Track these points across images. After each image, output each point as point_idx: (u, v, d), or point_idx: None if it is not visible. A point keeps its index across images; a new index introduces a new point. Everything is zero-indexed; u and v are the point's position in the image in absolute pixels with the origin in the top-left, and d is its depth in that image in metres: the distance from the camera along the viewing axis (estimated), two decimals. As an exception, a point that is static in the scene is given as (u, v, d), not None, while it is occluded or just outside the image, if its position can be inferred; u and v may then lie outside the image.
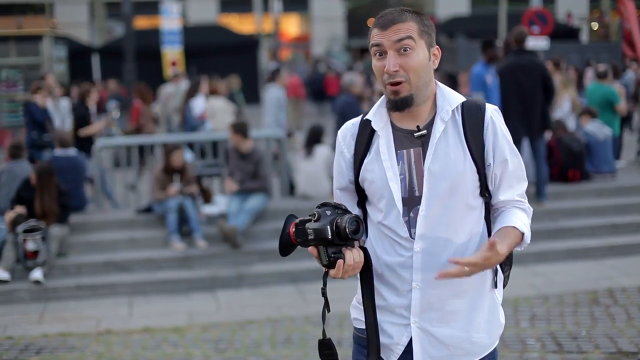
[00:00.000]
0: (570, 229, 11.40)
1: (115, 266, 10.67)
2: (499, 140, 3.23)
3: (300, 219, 3.15)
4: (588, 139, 12.78)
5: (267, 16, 40.38)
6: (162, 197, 11.04)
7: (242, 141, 11.23)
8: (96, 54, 30.40)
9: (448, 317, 3.22)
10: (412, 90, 3.15)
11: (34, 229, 10.30)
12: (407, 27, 3.14)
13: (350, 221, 3.04)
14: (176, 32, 21.59)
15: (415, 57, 3.14)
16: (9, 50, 18.09)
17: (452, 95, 3.26)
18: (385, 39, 3.14)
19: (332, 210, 3.10)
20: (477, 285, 3.25)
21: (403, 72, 3.13)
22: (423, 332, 3.23)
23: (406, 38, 3.12)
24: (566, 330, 7.98)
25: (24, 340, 8.48)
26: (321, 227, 3.05)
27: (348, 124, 3.40)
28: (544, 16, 19.25)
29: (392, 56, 3.13)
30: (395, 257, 3.22)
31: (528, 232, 3.20)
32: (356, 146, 3.32)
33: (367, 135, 3.29)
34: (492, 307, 3.33)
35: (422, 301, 3.21)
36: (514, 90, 11.38)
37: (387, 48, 3.14)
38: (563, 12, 39.48)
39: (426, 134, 3.20)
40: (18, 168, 11.22)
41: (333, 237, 3.05)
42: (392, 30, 3.14)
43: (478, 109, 3.24)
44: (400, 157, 3.21)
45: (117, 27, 40.19)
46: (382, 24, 3.16)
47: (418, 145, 3.20)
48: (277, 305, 9.46)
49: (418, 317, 3.22)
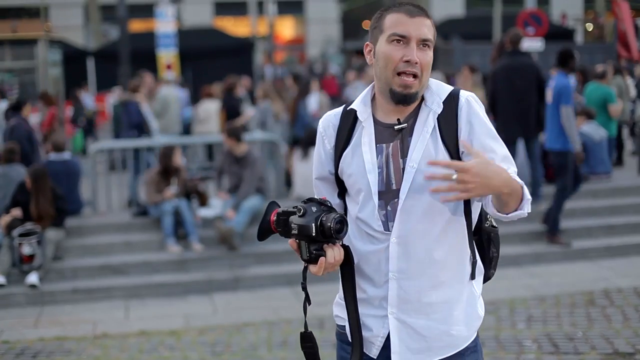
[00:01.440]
0: (566, 230, 11.40)
1: (111, 269, 10.66)
2: (476, 130, 3.18)
3: (283, 209, 3.17)
4: (584, 140, 12.77)
5: (262, 19, 40.39)
6: (157, 200, 11.04)
7: (236, 145, 11.23)
8: (91, 58, 30.32)
9: (426, 308, 3.22)
10: (419, 87, 3.17)
11: (30, 232, 10.29)
12: (429, 25, 3.19)
13: (335, 220, 3.05)
14: (171, 35, 21.53)
15: (430, 55, 3.18)
16: (4, 54, 18.09)
17: (439, 86, 3.27)
18: (414, 28, 3.15)
19: (318, 207, 3.11)
20: (454, 277, 3.25)
21: (419, 67, 3.14)
22: (400, 324, 3.23)
23: (429, 39, 3.16)
24: (563, 331, 7.99)
25: (20, 344, 8.46)
26: (306, 223, 3.07)
27: (330, 114, 3.40)
28: (539, 17, 19.25)
29: (415, 47, 3.15)
30: (371, 248, 3.23)
31: (526, 190, 3.07)
32: (337, 137, 3.32)
33: (348, 126, 3.30)
34: (471, 299, 3.31)
35: (399, 292, 3.21)
36: (509, 92, 11.39)
37: (413, 38, 3.15)
38: (557, 14, 39.51)
39: (406, 127, 3.20)
40: (13, 172, 11.20)
41: (317, 234, 3.07)
42: (418, 21, 3.17)
43: (451, 98, 3.23)
44: (380, 150, 3.22)
45: (112, 31, 40.14)
46: (409, 12, 3.18)
47: (397, 138, 3.20)
48: (273, 307, 9.45)
49: (396, 308, 3.23)
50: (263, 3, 40.33)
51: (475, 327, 3.33)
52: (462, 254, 3.26)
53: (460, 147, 3.16)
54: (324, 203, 3.14)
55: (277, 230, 3.18)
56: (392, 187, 3.19)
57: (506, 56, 11.67)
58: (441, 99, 3.21)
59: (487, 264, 3.43)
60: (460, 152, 3.17)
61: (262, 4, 40.64)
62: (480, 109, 3.23)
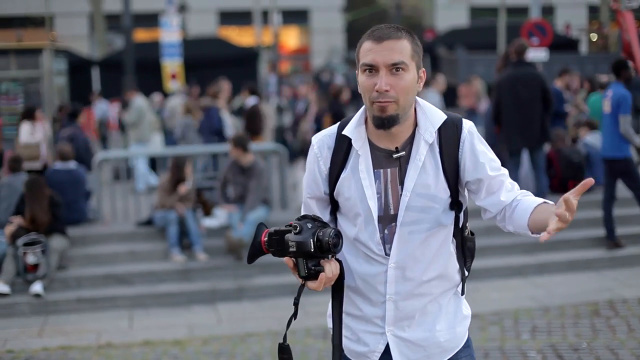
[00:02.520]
0: (570, 240, 11.38)
1: (115, 279, 10.66)
2: (479, 159, 3.23)
3: (275, 229, 3.19)
4: (588, 150, 12.77)
5: (267, 28, 40.42)
6: (168, 205, 11.04)
7: (242, 155, 11.23)
8: (96, 67, 30.40)
9: (421, 322, 3.33)
10: (398, 110, 3.14)
11: (34, 242, 10.30)
12: (400, 47, 3.12)
13: (332, 235, 3.08)
14: (176, 45, 21.60)
15: (407, 78, 3.13)
16: (9, 63, 18.08)
17: (434, 113, 3.26)
18: (380, 56, 3.11)
19: (313, 223, 3.13)
20: (446, 291, 3.36)
21: (393, 93, 3.11)
22: (399, 339, 3.34)
23: (399, 63, 3.11)
24: (567, 342, 7.97)
25: (25, 353, 8.47)
26: (303, 240, 3.09)
27: (324, 134, 3.38)
28: (543, 28, 19.25)
29: (384, 75, 3.11)
30: (370, 270, 3.29)
31: None
32: (332, 160, 3.31)
33: (344, 149, 3.29)
34: (457, 303, 3.43)
35: (396, 312, 3.31)
36: (513, 102, 11.40)
37: (380, 66, 3.11)
38: (562, 24, 39.52)
39: (404, 154, 3.22)
40: (17, 182, 11.21)
41: (315, 250, 3.08)
42: (386, 46, 3.11)
43: (454, 127, 3.24)
44: (377, 176, 3.24)
45: (117, 40, 40.26)
46: (377, 36, 3.14)
47: (395, 165, 3.22)
48: (277, 317, 9.44)
49: (393, 326, 3.33)
50: (268, 13, 40.35)
51: (466, 326, 3.45)
52: (452, 270, 3.36)
53: (464, 176, 3.23)
54: (318, 219, 3.17)
55: (270, 250, 3.19)
56: (390, 212, 3.23)
57: (511, 66, 11.68)
58: (434, 127, 3.22)
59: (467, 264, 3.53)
60: (465, 181, 3.24)
61: (267, 14, 40.66)
62: (481, 140, 3.28)
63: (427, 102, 3.31)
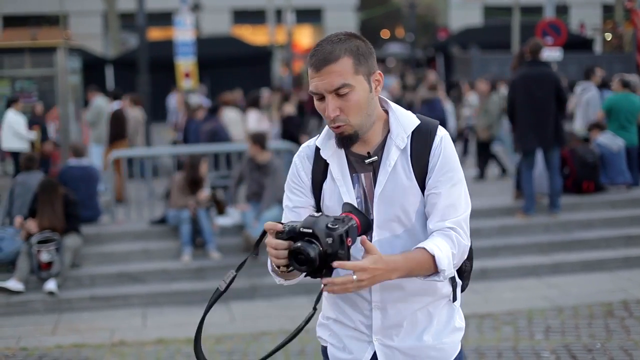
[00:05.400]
0: (584, 240, 11.36)
1: (129, 277, 10.68)
2: (441, 169, 3.15)
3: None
4: (601, 150, 12.72)
5: (281, 27, 40.49)
6: (182, 204, 11.06)
7: (259, 152, 11.24)
8: (110, 66, 30.50)
9: (409, 331, 3.26)
10: (355, 128, 3.10)
11: (48, 240, 10.33)
12: (340, 69, 3.03)
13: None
14: (190, 44, 21.59)
15: (354, 97, 3.06)
16: (24, 61, 18.15)
17: (407, 119, 3.20)
18: (321, 84, 3.05)
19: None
20: (435, 299, 3.28)
21: (343, 116, 3.07)
22: (386, 348, 3.27)
23: (341, 86, 3.03)
24: (581, 342, 7.95)
25: (38, 351, 8.49)
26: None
27: (305, 145, 3.36)
28: (557, 27, 19.21)
29: (330, 101, 3.06)
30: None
31: (442, 256, 3.02)
32: (313, 169, 3.29)
33: (322, 159, 3.26)
34: (450, 314, 3.34)
35: (383, 320, 3.25)
36: (527, 101, 11.36)
37: (324, 93, 3.06)
38: (576, 23, 39.43)
39: (376, 159, 3.18)
40: (31, 180, 11.25)
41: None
42: (325, 73, 3.04)
43: (428, 134, 3.18)
44: (356, 180, 3.20)
45: (131, 39, 40.34)
46: (315, 64, 3.06)
47: (369, 170, 3.19)
48: (290, 316, 9.45)
49: (380, 335, 3.27)
50: (281, 12, 40.42)
51: (458, 338, 3.36)
52: None
53: (427, 179, 3.15)
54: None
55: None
56: (370, 217, 3.18)
57: (525, 66, 11.64)
58: (406, 133, 3.17)
59: (460, 277, 3.42)
60: (426, 189, 3.16)
61: (281, 13, 40.74)
62: (452, 150, 3.19)
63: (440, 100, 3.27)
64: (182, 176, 11.43)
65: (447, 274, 3.05)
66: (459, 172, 3.18)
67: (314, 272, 2.94)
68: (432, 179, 3.14)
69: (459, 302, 3.39)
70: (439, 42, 40.11)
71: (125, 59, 30.55)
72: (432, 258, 3.01)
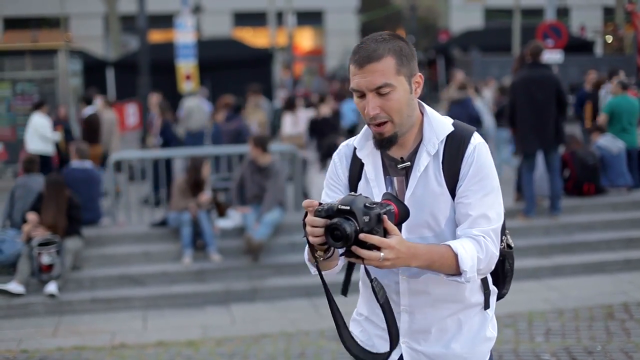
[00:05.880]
0: (585, 242, 11.36)
1: (129, 280, 10.69)
2: (473, 178, 3.13)
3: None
4: (602, 153, 12.73)
5: (281, 30, 40.51)
6: (183, 206, 11.06)
7: (261, 155, 11.25)
8: (111, 68, 30.48)
9: (437, 337, 3.25)
10: (395, 128, 3.10)
11: (49, 242, 10.33)
12: (382, 68, 3.04)
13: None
14: (190, 46, 21.61)
15: (396, 96, 3.07)
16: (25, 64, 18.20)
17: (440, 125, 3.19)
18: (363, 81, 3.06)
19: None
20: (465, 307, 3.26)
21: (384, 114, 3.07)
22: (413, 351, 3.28)
23: (383, 86, 3.04)
24: (581, 345, 7.95)
25: (39, 353, 8.49)
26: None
27: (344, 145, 3.38)
28: (558, 29, 19.23)
29: (371, 99, 3.07)
30: (384, 279, 3.21)
31: (466, 257, 3.01)
32: (350, 169, 3.31)
33: (359, 160, 3.28)
34: (482, 323, 3.32)
35: (411, 324, 3.25)
36: (528, 104, 11.37)
37: (365, 91, 3.07)
38: (577, 26, 39.43)
39: (409, 165, 3.18)
40: (32, 182, 11.26)
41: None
42: (368, 70, 3.05)
43: (461, 141, 3.16)
44: (389, 182, 3.22)
45: (132, 41, 40.37)
46: (358, 62, 3.07)
47: (402, 174, 3.19)
48: (291, 319, 9.45)
49: (408, 338, 3.27)
50: (282, 14, 40.43)
51: (488, 348, 3.34)
52: (472, 285, 3.25)
53: (458, 186, 3.13)
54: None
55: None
56: None
57: (526, 68, 11.65)
58: (438, 139, 3.16)
59: (501, 283, 3.43)
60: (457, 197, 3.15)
61: (282, 15, 40.75)
62: (486, 159, 3.17)
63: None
64: (184, 178, 11.43)
65: (470, 276, 3.03)
66: (492, 181, 3.17)
67: (349, 250, 2.93)
68: (463, 186, 3.12)
69: (492, 310, 3.36)
70: (440, 45, 40.10)
71: (126, 61, 30.52)
72: (456, 257, 3.01)
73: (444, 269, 3.03)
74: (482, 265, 3.08)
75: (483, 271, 3.11)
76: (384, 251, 2.85)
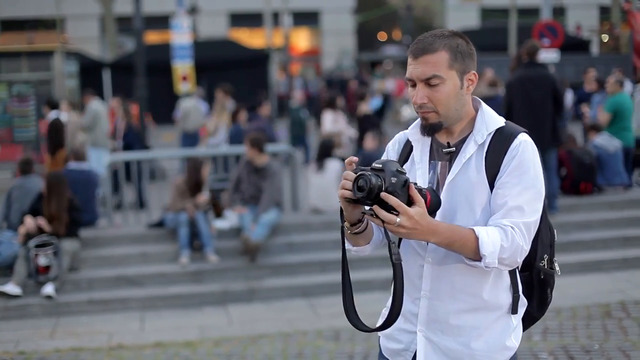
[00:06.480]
0: (582, 241, 11.37)
1: (126, 281, 10.68)
2: (513, 171, 3.16)
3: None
4: (598, 152, 12.73)
5: (278, 30, 40.46)
6: (180, 207, 11.06)
7: (257, 155, 11.25)
8: (107, 69, 30.49)
9: (453, 330, 3.25)
10: (440, 118, 3.20)
11: (46, 243, 10.32)
12: (435, 60, 3.16)
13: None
14: (187, 47, 21.60)
15: (443, 90, 3.17)
16: (21, 65, 18.20)
17: (493, 119, 3.27)
18: (415, 71, 3.19)
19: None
20: (487, 305, 3.25)
21: (430, 104, 3.18)
22: (428, 342, 3.29)
23: (432, 77, 3.15)
24: (579, 343, 7.96)
25: (36, 355, 8.49)
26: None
27: (401, 132, 3.50)
28: (554, 29, 19.25)
29: (420, 89, 3.19)
30: (411, 260, 3.28)
31: (487, 241, 3.04)
32: (400, 153, 3.43)
33: (410, 145, 3.40)
34: (504, 330, 3.31)
35: (429, 311, 3.26)
36: (524, 103, 11.37)
37: (416, 81, 3.19)
38: (573, 25, 39.49)
39: (454, 151, 3.25)
40: (29, 183, 11.25)
41: None
42: (421, 61, 3.18)
43: (508, 137, 3.22)
44: (433, 166, 3.30)
45: (128, 42, 40.33)
46: (414, 52, 3.21)
47: (446, 159, 3.27)
48: (288, 319, 9.45)
49: (424, 326, 3.28)
50: (278, 14, 40.41)
51: (506, 357, 3.34)
52: (498, 283, 3.26)
53: (498, 178, 3.17)
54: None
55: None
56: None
57: (522, 67, 11.66)
58: (488, 131, 3.23)
59: (537, 306, 3.45)
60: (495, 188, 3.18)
61: (278, 16, 40.72)
62: (532, 156, 3.21)
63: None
64: (184, 179, 11.42)
65: (489, 261, 3.05)
66: (534, 180, 3.18)
67: (367, 202, 3.00)
68: (502, 178, 3.16)
69: (517, 319, 3.35)
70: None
71: (123, 62, 30.55)
72: (477, 240, 3.05)
73: (465, 250, 3.07)
74: (506, 255, 3.08)
75: (507, 261, 3.11)
76: (401, 217, 2.93)
